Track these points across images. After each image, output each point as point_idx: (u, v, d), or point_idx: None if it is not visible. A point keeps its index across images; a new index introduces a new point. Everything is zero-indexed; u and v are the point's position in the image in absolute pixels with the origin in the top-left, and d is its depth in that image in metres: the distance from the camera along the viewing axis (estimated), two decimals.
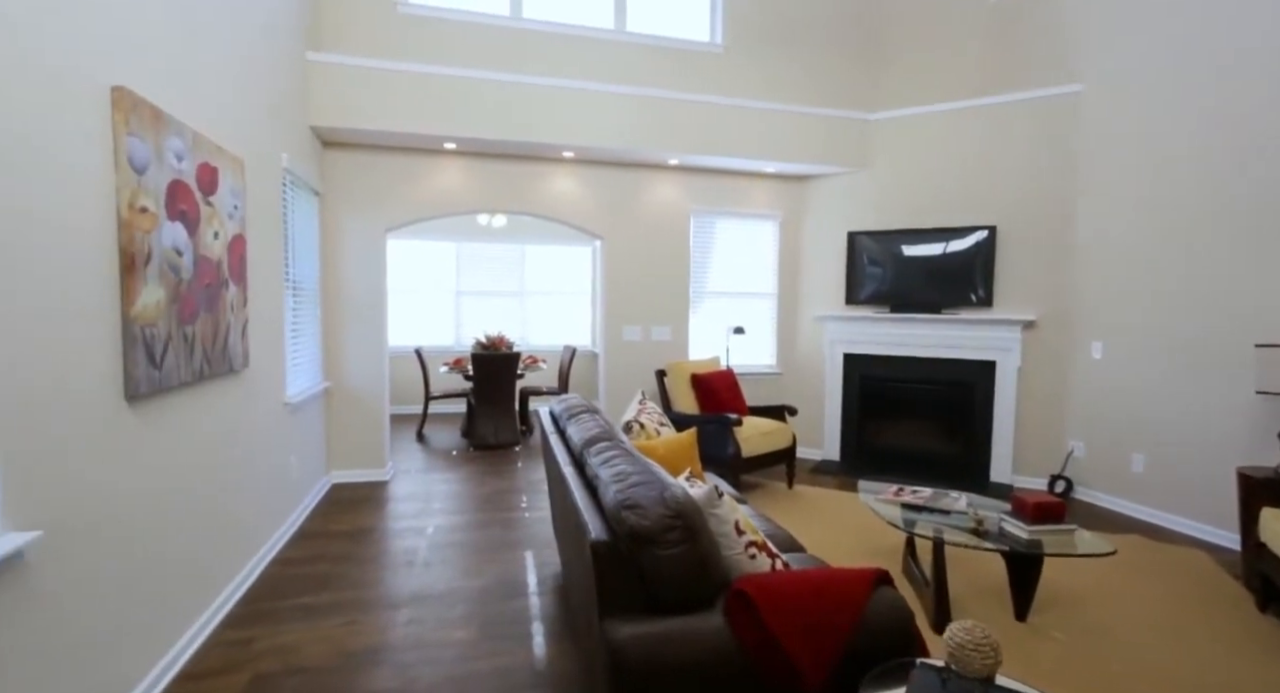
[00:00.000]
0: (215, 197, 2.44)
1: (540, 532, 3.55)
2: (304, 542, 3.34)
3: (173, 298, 2.09)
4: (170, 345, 2.07)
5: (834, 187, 5.27)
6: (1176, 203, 3.80)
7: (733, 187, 5.32)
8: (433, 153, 4.60)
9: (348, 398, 4.46)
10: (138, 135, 1.90)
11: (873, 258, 5.05)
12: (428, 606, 2.65)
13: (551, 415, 2.92)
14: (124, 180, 1.83)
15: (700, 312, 5.39)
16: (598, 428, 2.24)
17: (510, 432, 5.65)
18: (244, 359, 2.72)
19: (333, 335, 4.42)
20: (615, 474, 1.67)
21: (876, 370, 5.10)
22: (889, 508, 2.87)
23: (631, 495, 1.47)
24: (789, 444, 4.46)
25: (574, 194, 4.95)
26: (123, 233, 1.83)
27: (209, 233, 2.37)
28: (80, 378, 1.66)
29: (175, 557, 2.18)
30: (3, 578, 1.41)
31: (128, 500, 1.89)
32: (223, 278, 2.50)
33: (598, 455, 1.91)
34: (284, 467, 3.38)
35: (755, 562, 1.67)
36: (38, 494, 1.51)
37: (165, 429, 2.11)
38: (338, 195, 4.41)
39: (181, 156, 2.16)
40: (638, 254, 5.13)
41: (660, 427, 2.97)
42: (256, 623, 2.48)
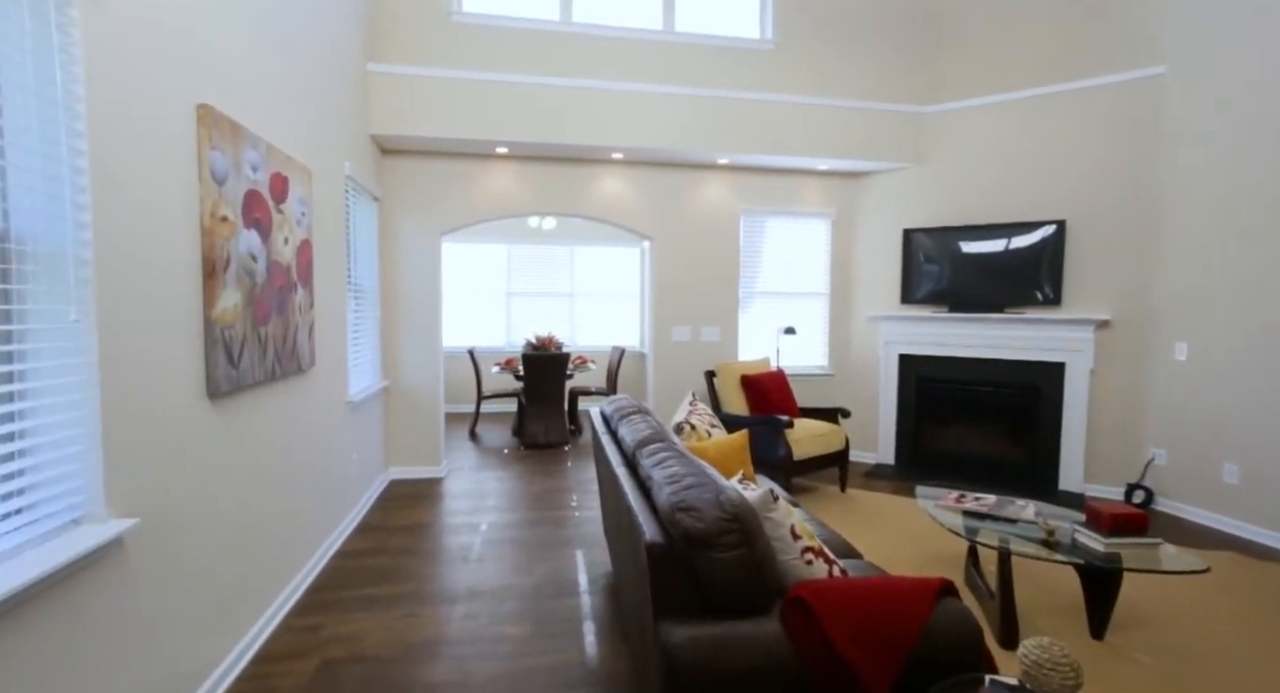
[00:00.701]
0: (285, 204, 2.56)
1: (590, 531, 3.57)
2: (365, 535, 3.48)
3: (248, 301, 2.21)
4: (246, 346, 2.19)
5: (889, 183, 5.11)
6: (1276, 192, 3.50)
7: (783, 185, 5.23)
8: (485, 157, 4.71)
9: (405, 397, 4.62)
10: (219, 149, 2.01)
11: (929, 256, 4.87)
12: (482, 601, 2.71)
13: (603, 416, 2.93)
14: (207, 191, 1.95)
15: (750, 312, 5.32)
16: (649, 429, 2.23)
17: (560, 431, 5.72)
18: (310, 359, 2.85)
19: (390, 336, 4.58)
20: (669, 476, 1.67)
21: (934, 372, 4.91)
22: (949, 515, 2.76)
23: (686, 498, 1.46)
24: (842, 447, 4.35)
25: (623, 195, 4.97)
26: (205, 240, 1.94)
27: (280, 239, 2.50)
28: (169, 377, 1.78)
29: (251, 546, 2.30)
30: (106, 560, 1.51)
31: (210, 492, 2.00)
32: (292, 281, 2.63)
33: (650, 457, 1.90)
34: (346, 463, 3.52)
35: (812, 568, 1.63)
36: (134, 484, 1.62)
37: (241, 425, 2.23)
38: (395, 201, 4.57)
39: (256, 167, 2.28)
40: (687, 254, 5.10)
41: (711, 428, 2.95)
42: (323, 611, 2.59)
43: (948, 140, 4.82)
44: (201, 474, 1.96)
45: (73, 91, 1.44)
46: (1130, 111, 4.18)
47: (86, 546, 1.42)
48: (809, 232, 5.36)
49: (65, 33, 1.43)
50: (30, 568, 1.29)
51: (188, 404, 1.88)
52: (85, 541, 1.43)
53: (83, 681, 1.44)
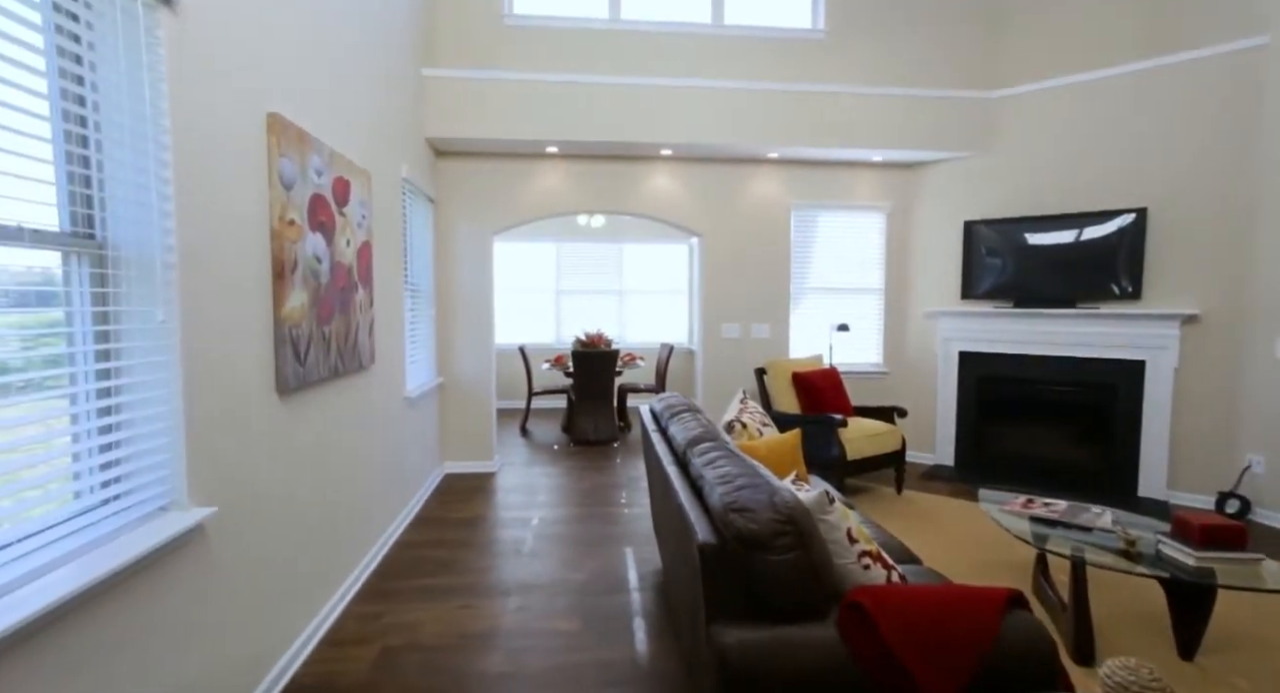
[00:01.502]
0: (347, 207, 2.66)
1: (640, 528, 3.58)
2: (422, 527, 3.59)
3: (313, 301, 2.31)
4: (311, 344, 2.29)
5: (948, 173, 4.90)
6: None
7: (836, 178, 5.09)
8: (535, 157, 4.77)
9: (458, 393, 4.74)
10: (287, 156, 2.11)
11: (992, 248, 4.64)
12: (534, 595, 2.75)
13: (652, 413, 2.93)
14: (276, 196, 2.04)
15: (801, 308, 5.21)
16: (700, 428, 2.21)
17: (609, 428, 5.76)
18: (370, 356, 2.96)
19: (445, 334, 4.71)
20: (721, 476, 1.65)
21: (997, 370, 4.69)
22: (1016, 520, 2.62)
23: (739, 499, 1.44)
24: (898, 447, 4.21)
25: (672, 192, 4.95)
26: (274, 243, 2.04)
27: (342, 241, 2.60)
28: (242, 374, 1.88)
29: (318, 536, 2.41)
30: (190, 547, 1.61)
31: (279, 484, 2.11)
32: (353, 282, 2.73)
33: (701, 456, 1.88)
34: (404, 456, 3.65)
35: (869, 573, 1.58)
36: (212, 475, 1.72)
37: (307, 420, 2.33)
38: (449, 201, 4.69)
39: (321, 172, 2.38)
40: (736, 250, 5.04)
41: (762, 427, 2.90)
42: (384, 600, 2.69)
43: (1014, 126, 4.58)
44: (272, 466, 2.06)
45: (159, 106, 1.53)
46: (1225, 88, 3.86)
47: (174, 531, 1.52)
48: (863, 225, 5.20)
49: (153, 52, 1.52)
50: (126, 550, 1.39)
51: (259, 400, 1.98)
52: (172, 526, 1.53)
53: (167, 657, 1.54)
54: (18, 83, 1.27)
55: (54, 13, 1.37)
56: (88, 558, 1.36)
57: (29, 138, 1.31)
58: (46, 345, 1.40)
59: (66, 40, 1.39)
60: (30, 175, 1.31)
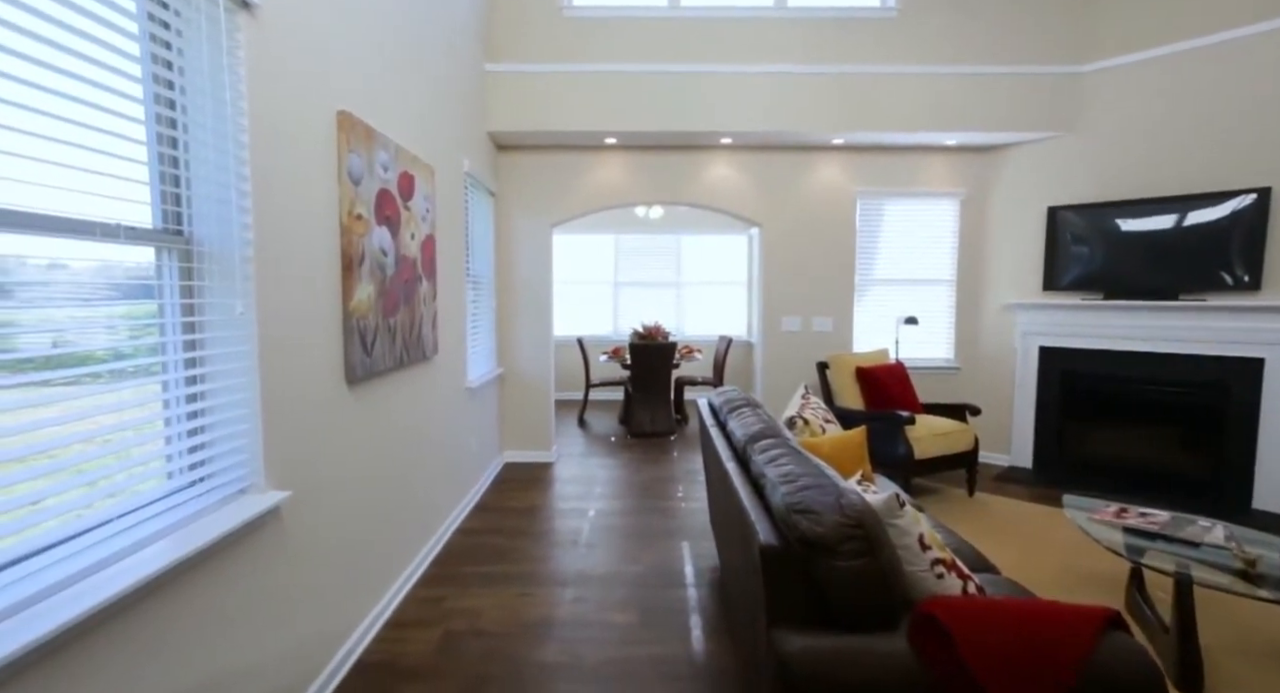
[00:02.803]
0: (412, 201, 2.73)
1: (696, 523, 3.54)
2: (482, 515, 3.68)
3: (379, 293, 2.38)
4: (378, 335, 2.36)
5: (1029, 156, 4.57)
6: None
7: (905, 164, 4.84)
8: (595, 149, 4.77)
9: (518, 384, 4.82)
10: (356, 152, 2.17)
11: (1079, 236, 4.30)
12: (591, 586, 2.76)
13: (711, 408, 2.88)
14: (345, 191, 2.11)
15: (866, 301, 5.00)
16: (761, 423, 2.15)
17: (666, 421, 5.74)
18: (434, 347, 3.04)
19: (505, 325, 4.80)
20: (783, 475, 1.58)
21: (1082, 366, 4.35)
22: (1107, 531, 2.42)
23: (804, 499, 1.37)
24: (970, 447, 3.98)
25: (732, 181, 4.84)
26: (343, 237, 2.11)
27: (407, 234, 2.67)
28: (314, 364, 1.95)
29: (384, 520, 2.49)
30: (267, 528, 1.70)
31: (349, 470, 2.19)
32: (417, 274, 2.80)
33: (762, 453, 1.82)
34: (465, 445, 3.74)
35: (943, 582, 1.48)
36: (286, 460, 1.80)
37: (374, 409, 2.41)
38: (510, 194, 4.76)
39: (387, 167, 2.44)
40: (798, 240, 4.89)
41: (825, 423, 2.80)
42: (446, 584, 2.77)
43: (1107, 102, 4.21)
44: (341, 453, 2.14)
45: (238, 106, 1.60)
46: None
47: (253, 512, 1.60)
48: (933, 214, 4.93)
49: (234, 54, 1.59)
50: (212, 529, 1.47)
51: (329, 389, 2.05)
52: (252, 508, 1.61)
53: (245, 632, 1.63)
54: (117, 89, 1.34)
55: (148, 21, 1.44)
56: (179, 535, 1.44)
57: (127, 140, 1.39)
58: (147, 335, 1.49)
59: (159, 47, 1.46)
60: (127, 176, 1.39)
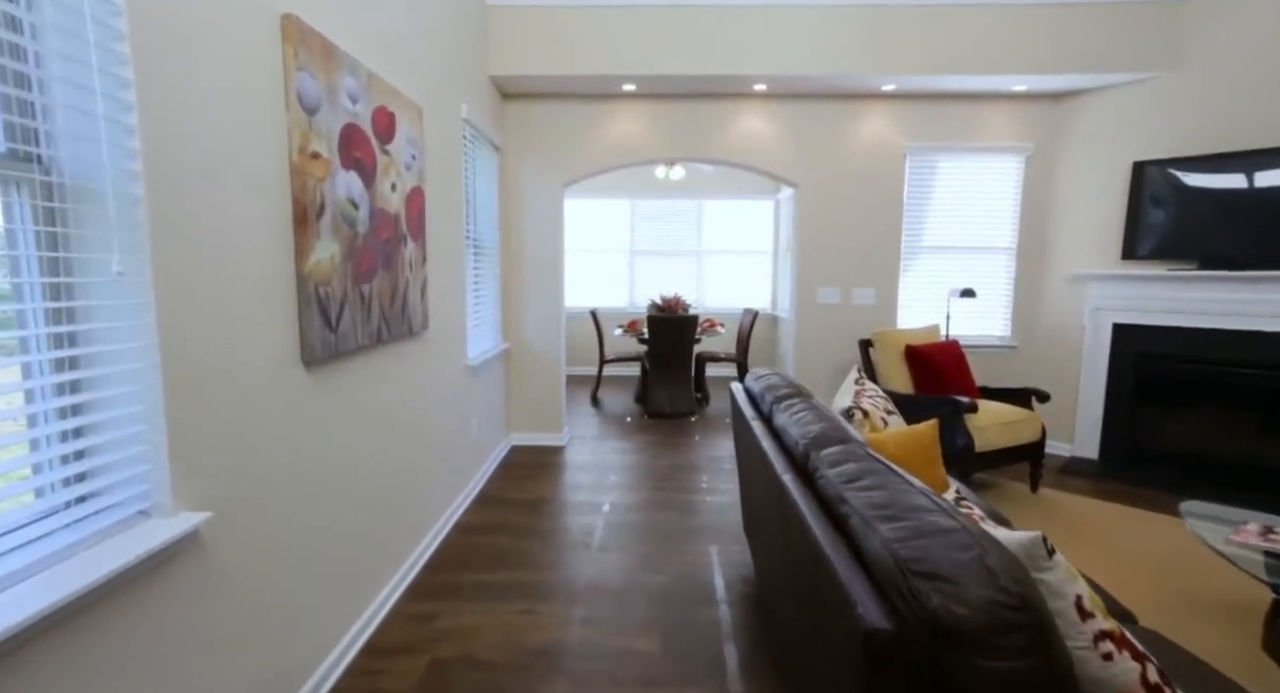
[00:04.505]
0: (392, 145, 2.26)
1: (724, 520, 3.13)
2: (485, 508, 3.29)
3: (347, 254, 1.93)
4: (346, 306, 1.92)
5: (1113, 102, 3.96)
6: None
7: (962, 114, 4.25)
8: (611, 98, 4.23)
9: (526, 360, 4.40)
10: (307, 70, 1.70)
11: (1168, 196, 3.72)
12: (605, 602, 2.36)
13: (750, 396, 2.42)
14: (294, 121, 1.64)
15: (913, 270, 4.48)
16: (821, 422, 1.69)
17: (686, 400, 5.30)
18: (423, 320, 2.60)
19: (511, 296, 4.35)
20: (876, 505, 1.13)
21: (1164, 346, 3.82)
22: (1246, 553, 1.95)
23: (925, 555, 0.93)
24: (1036, 437, 3.50)
25: (765, 135, 4.29)
26: (294, 180, 1.65)
27: (386, 184, 2.21)
28: (254, 342, 1.52)
29: (358, 526, 2.10)
30: (182, 559, 1.29)
31: (308, 471, 1.78)
32: (400, 233, 2.35)
33: (835, 466, 1.37)
34: (465, 430, 3.34)
35: (1111, 667, 1.03)
36: (212, 469, 1.38)
37: (344, 396, 1.99)
38: (517, 150, 4.26)
39: (355, 97, 1.97)
40: (838, 202, 4.35)
41: (887, 414, 2.34)
42: (438, 596, 2.38)
43: (1214, 37, 3.58)
44: (298, 452, 1.73)
45: None
46: None
47: (157, 541, 1.19)
48: (994, 171, 4.36)
49: None
50: (98, 565, 1.07)
51: (278, 373, 1.63)
52: (154, 536, 1.20)
53: (163, 687, 1.24)
54: None
55: None
56: (50, 574, 1.04)
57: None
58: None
59: None
60: None
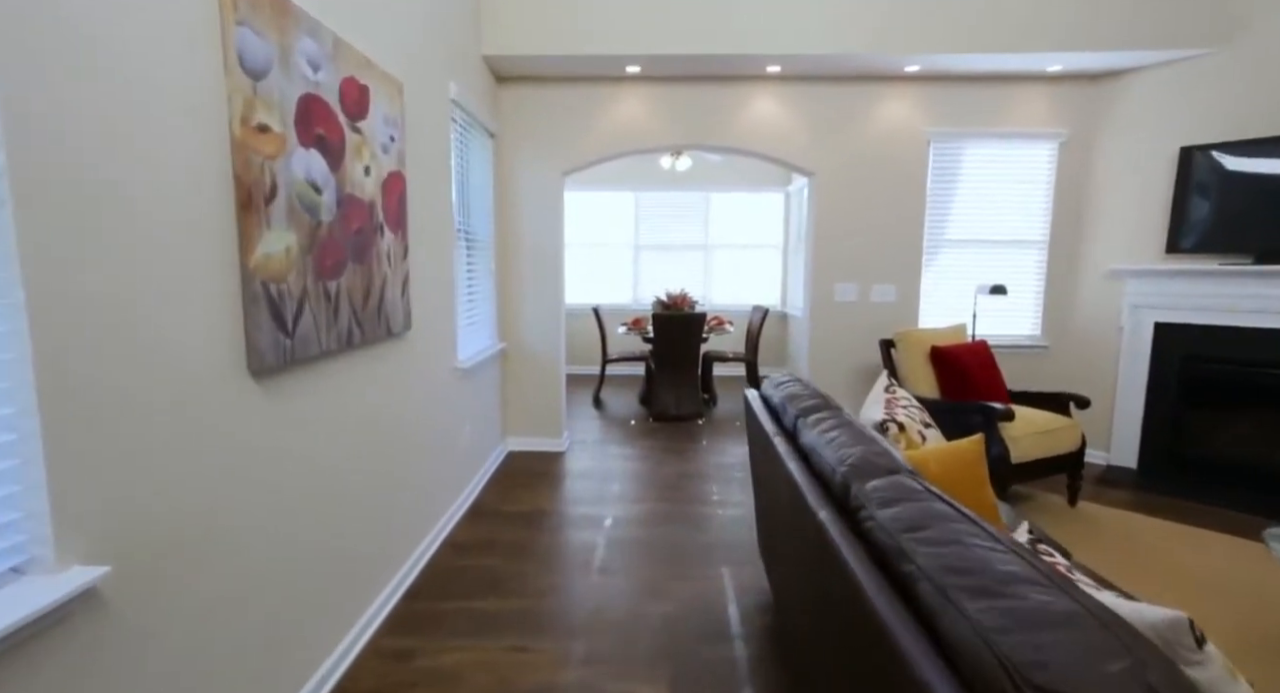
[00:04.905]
0: (365, 123, 1.99)
1: (736, 537, 2.87)
2: (477, 522, 3.04)
3: (308, 245, 1.67)
4: (306, 304, 1.66)
5: (1159, 82, 3.66)
6: None
7: (991, 97, 3.96)
8: (614, 81, 3.96)
9: (524, 360, 4.14)
10: (250, 26, 1.43)
11: (1218, 184, 3.42)
12: (607, 636, 2.11)
13: (767, 405, 2.15)
14: (235, 86, 1.38)
15: (936, 266, 4.19)
16: (859, 444, 1.42)
17: (693, 402, 5.04)
18: (405, 320, 2.34)
19: (507, 292, 4.09)
20: (956, 569, 0.87)
21: (1212, 348, 3.54)
22: None
23: (1051, 661, 0.66)
24: (1076, 447, 3.22)
25: (778, 120, 4.01)
26: (236, 157, 1.39)
27: (357, 167, 1.94)
28: (180, 352, 1.26)
29: (326, 555, 1.84)
30: (63, 628, 1.03)
31: (257, 500, 1.52)
32: (376, 223, 2.09)
33: (888, 508, 1.10)
34: (456, 438, 3.08)
35: None
36: (119, 509, 1.13)
37: (305, 409, 1.73)
38: (513, 136, 3.99)
39: (317, 64, 1.71)
40: (856, 193, 4.07)
41: (924, 428, 2.07)
42: (420, 630, 2.13)
43: (1275, 4, 3.28)
44: (244, 476, 1.47)
45: None
46: None
47: (32, 608, 0.93)
48: (1024, 159, 4.06)
49: None
50: None
51: (216, 386, 1.37)
52: (26, 600, 0.94)
53: None
54: None
55: None
56: None
57: None
58: None
59: None
60: None
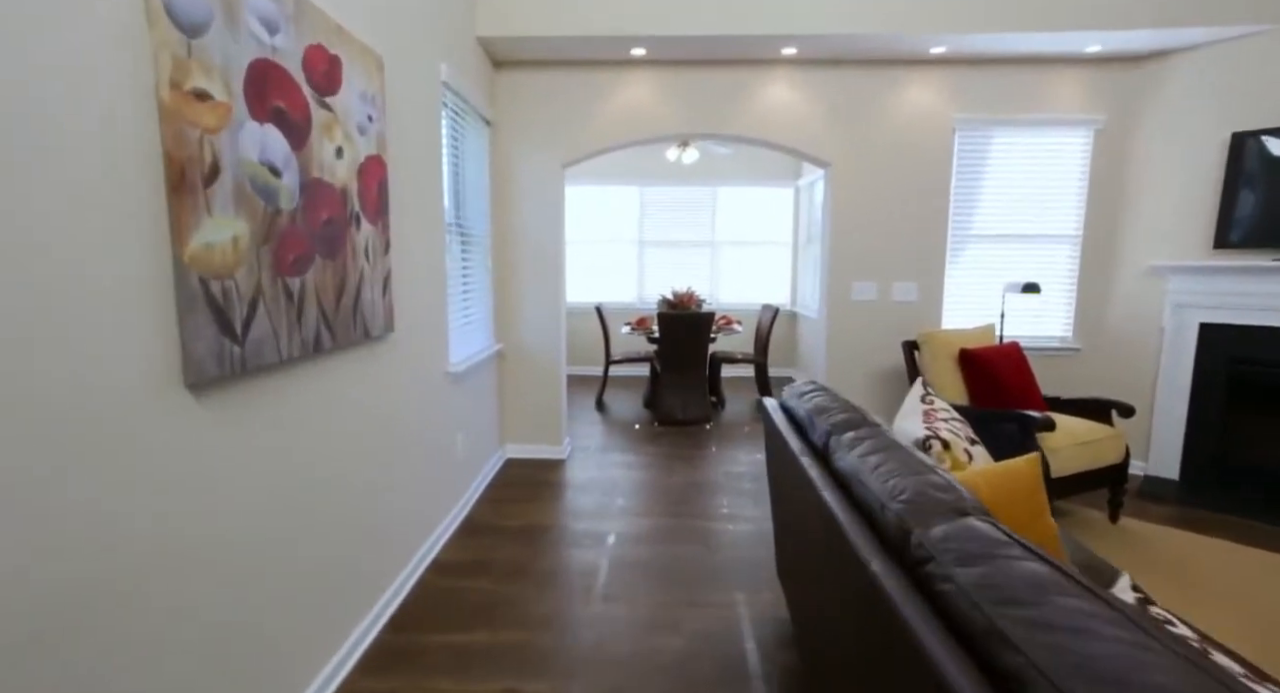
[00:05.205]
0: (336, 99, 1.76)
1: (750, 556, 2.63)
2: (470, 539, 2.81)
3: (264, 236, 1.44)
4: (262, 306, 1.43)
5: (1208, 62, 3.39)
6: None
7: (1022, 81, 3.70)
8: (618, 65, 3.71)
9: (522, 362, 3.91)
10: None
11: (1272, 174, 3.16)
12: (608, 677, 1.87)
13: (790, 416, 1.91)
14: (162, 40, 1.15)
15: (961, 263, 3.94)
16: (914, 473, 1.18)
17: (700, 406, 4.80)
18: (387, 322, 2.11)
19: (506, 290, 3.86)
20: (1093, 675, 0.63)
21: (1263, 350, 3.28)
22: None
23: None
24: (1119, 459, 2.97)
25: (793, 107, 3.76)
26: (166, 127, 1.16)
27: (327, 148, 1.71)
28: (86, 363, 1.03)
29: (292, 590, 1.61)
30: None
31: (199, 532, 1.29)
32: (351, 212, 1.85)
33: (968, 566, 0.86)
34: (448, 448, 2.85)
35: None
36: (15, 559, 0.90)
37: (261, 426, 1.50)
38: (511, 125, 3.75)
39: (273, 26, 1.47)
40: (877, 185, 3.81)
41: (970, 445, 1.82)
42: (400, 667, 1.90)
43: None
44: (179, 508, 1.24)
45: None
46: None
47: None
48: (1058, 147, 3.80)
49: None
50: None
51: (139, 404, 1.14)
52: None
53: None
54: None
55: None
56: None
57: None
58: None
59: None
60: None
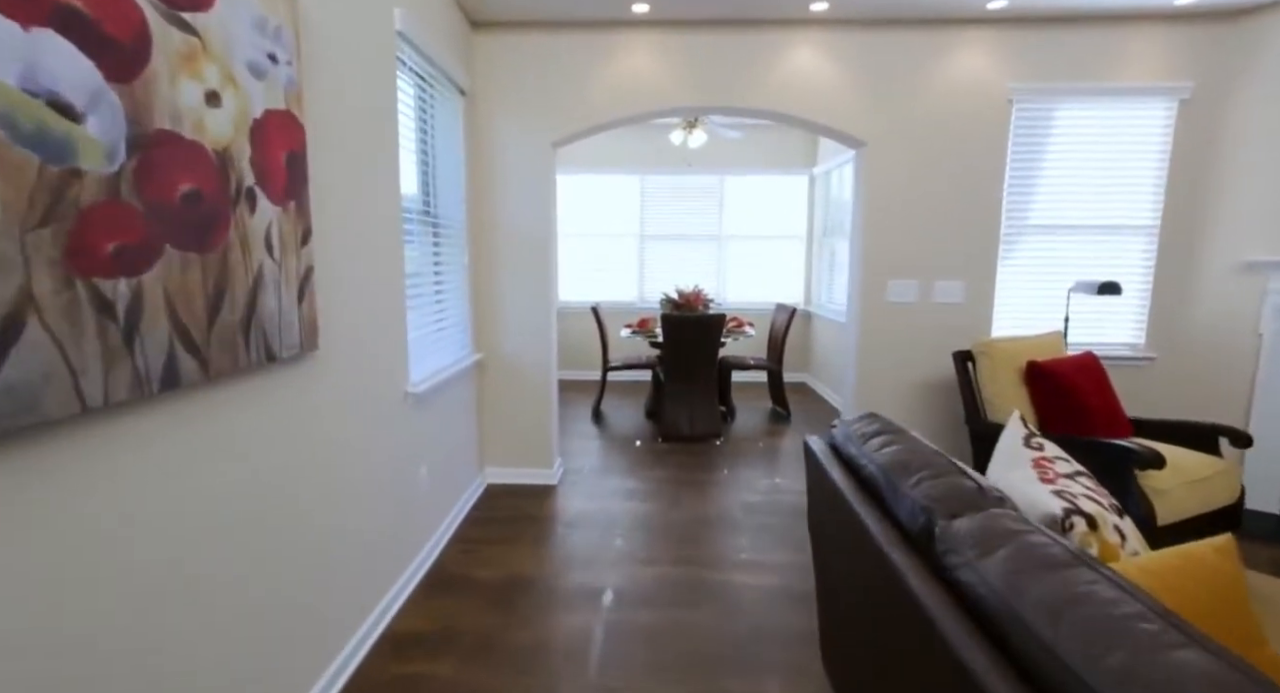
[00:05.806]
0: (208, 17, 1.22)
1: (782, 624, 2.10)
2: (435, 597, 2.28)
3: (43, 214, 0.89)
4: (35, 323, 0.89)
5: None
6: None
7: (1091, 44, 3.15)
8: (617, 25, 3.16)
9: (505, 373, 3.37)
10: None
11: None
12: None
13: (856, 475, 1.37)
14: None
15: (1014, 258, 3.39)
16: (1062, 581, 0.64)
17: (709, 419, 4.26)
18: (304, 337, 1.57)
19: (486, 291, 3.32)
20: None
21: None
22: None
23: None
24: (1234, 499, 2.43)
25: (821, 77, 3.21)
26: None
27: (188, 90, 1.16)
28: None
29: None
30: None
31: None
32: (238, 186, 1.31)
33: None
34: (409, 483, 2.32)
35: None
36: None
37: (47, 514, 0.97)
38: (491, 96, 3.20)
39: None
40: (918, 168, 3.27)
41: (1118, 516, 1.28)
42: None
43: None
44: None
45: None
46: None
47: None
48: (1134, 122, 3.25)
49: None
50: None
51: None
52: None
53: None
54: None
55: None
56: None
57: None
58: None
59: None
60: None
